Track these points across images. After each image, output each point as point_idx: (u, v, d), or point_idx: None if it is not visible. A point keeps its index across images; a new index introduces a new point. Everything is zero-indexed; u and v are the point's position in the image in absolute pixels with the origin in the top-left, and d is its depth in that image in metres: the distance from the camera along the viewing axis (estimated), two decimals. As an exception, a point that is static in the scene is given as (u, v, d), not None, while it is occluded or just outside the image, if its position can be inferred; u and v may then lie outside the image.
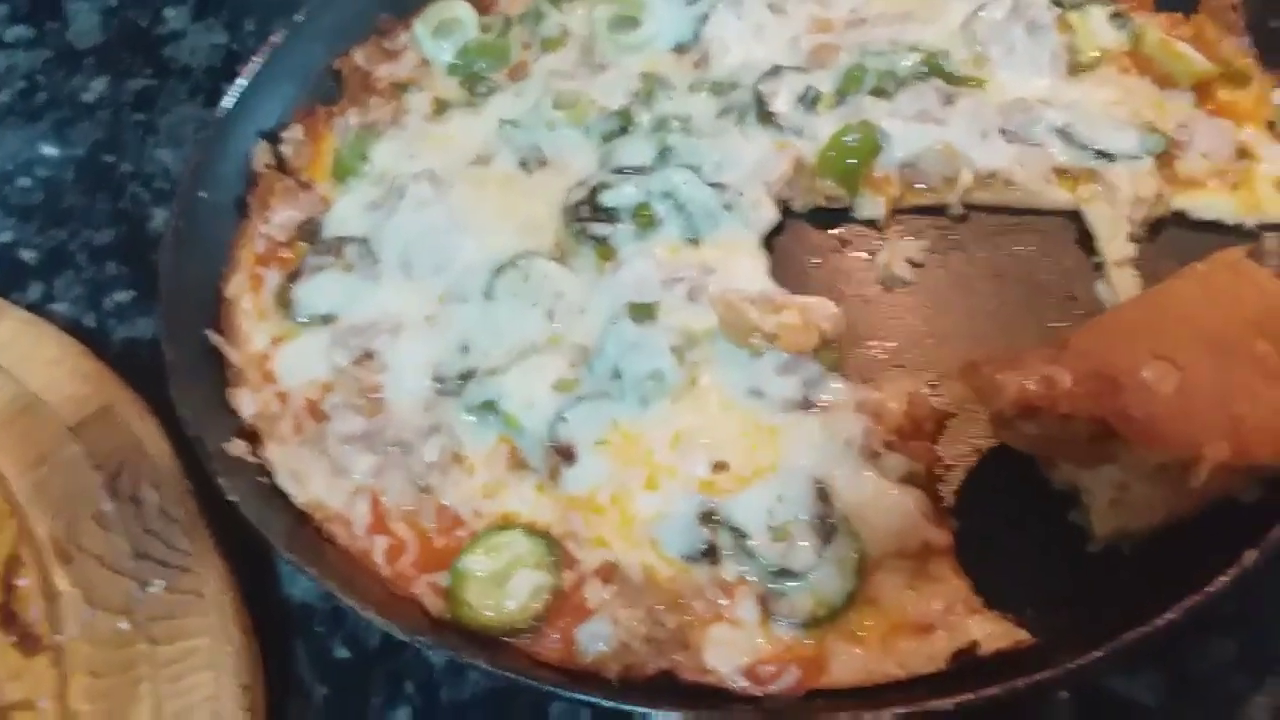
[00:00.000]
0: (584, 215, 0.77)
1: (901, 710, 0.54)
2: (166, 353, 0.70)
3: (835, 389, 0.68)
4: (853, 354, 0.72)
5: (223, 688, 0.58)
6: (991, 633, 0.59)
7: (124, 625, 0.61)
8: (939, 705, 0.54)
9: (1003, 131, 0.80)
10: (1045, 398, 0.61)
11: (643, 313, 0.72)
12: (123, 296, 0.83)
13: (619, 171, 0.79)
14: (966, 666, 0.58)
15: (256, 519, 0.63)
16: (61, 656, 0.60)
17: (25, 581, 0.63)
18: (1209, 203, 0.77)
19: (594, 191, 0.78)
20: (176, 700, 0.58)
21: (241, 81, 0.84)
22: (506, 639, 0.61)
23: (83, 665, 0.60)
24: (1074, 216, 0.78)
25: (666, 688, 0.56)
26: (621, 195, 0.77)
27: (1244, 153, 0.79)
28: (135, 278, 0.84)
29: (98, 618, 0.61)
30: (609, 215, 0.77)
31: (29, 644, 0.60)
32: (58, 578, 0.63)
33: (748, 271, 0.74)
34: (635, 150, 0.80)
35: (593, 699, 0.56)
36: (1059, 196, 0.78)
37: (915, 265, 0.77)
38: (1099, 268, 0.76)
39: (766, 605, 0.62)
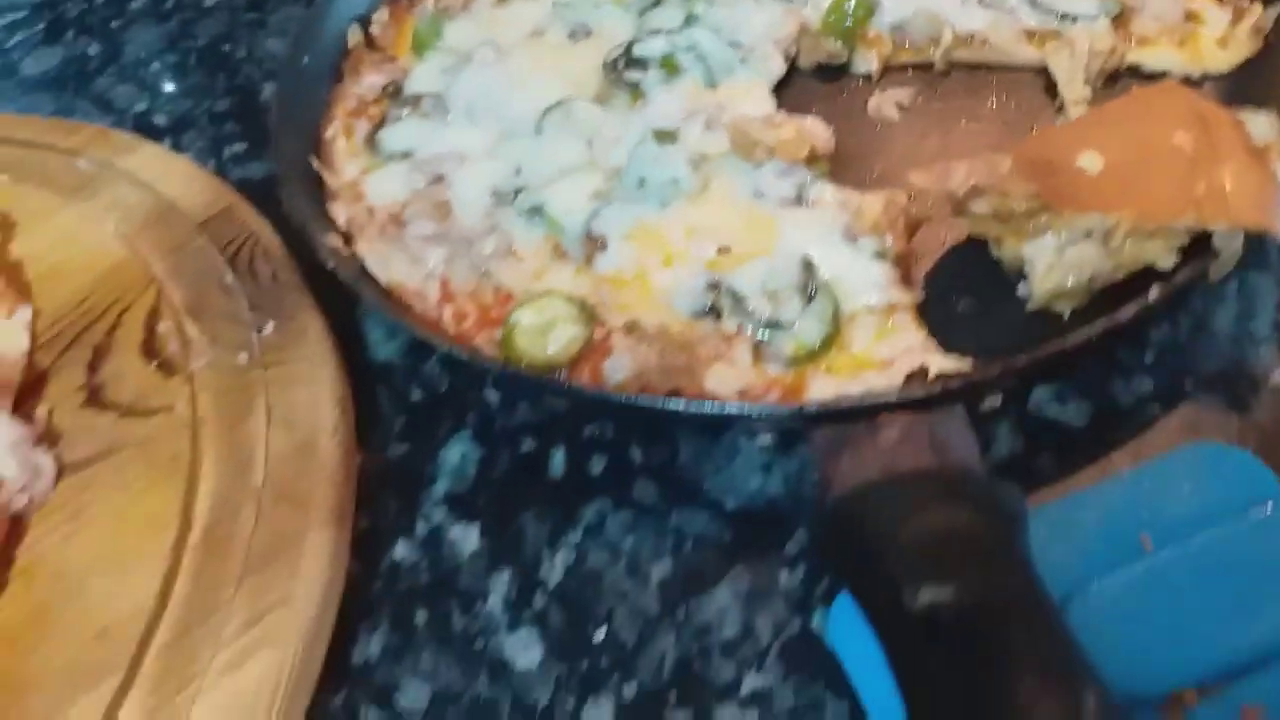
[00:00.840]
0: (619, 66, 0.92)
1: (859, 403, 0.67)
2: (277, 168, 0.85)
3: (824, 189, 0.81)
4: (843, 176, 0.84)
5: (320, 399, 0.73)
6: (941, 363, 0.72)
7: (242, 358, 0.75)
8: (887, 398, 0.67)
9: (979, 1, 0.93)
10: (988, 177, 0.75)
11: (665, 137, 0.86)
12: (238, 148, 0.99)
13: (651, 32, 0.94)
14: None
15: (351, 284, 0.77)
16: (193, 379, 0.75)
17: (164, 326, 0.78)
18: (1159, 56, 0.90)
19: (629, 47, 0.93)
20: (283, 409, 0.72)
21: (340, -24, 1.00)
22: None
23: (209, 386, 0.74)
24: (1041, 73, 0.91)
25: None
26: (651, 48, 0.92)
27: (1191, 16, 0.91)
28: (248, 134, 1.00)
29: (221, 354, 0.76)
30: (640, 64, 0.91)
31: (167, 369, 0.76)
32: (189, 327, 0.78)
33: (756, 108, 0.89)
34: (667, 16, 0.95)
35: (614, 398, 0.69)
36: (1028, 54, 0.91)
37: (902, 109, 0.91)
38: (1060, 110, 0.88)
39: (758, 350, 0.75)
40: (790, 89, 0.92)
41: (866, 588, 0.55)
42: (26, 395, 0.74)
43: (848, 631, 0.62)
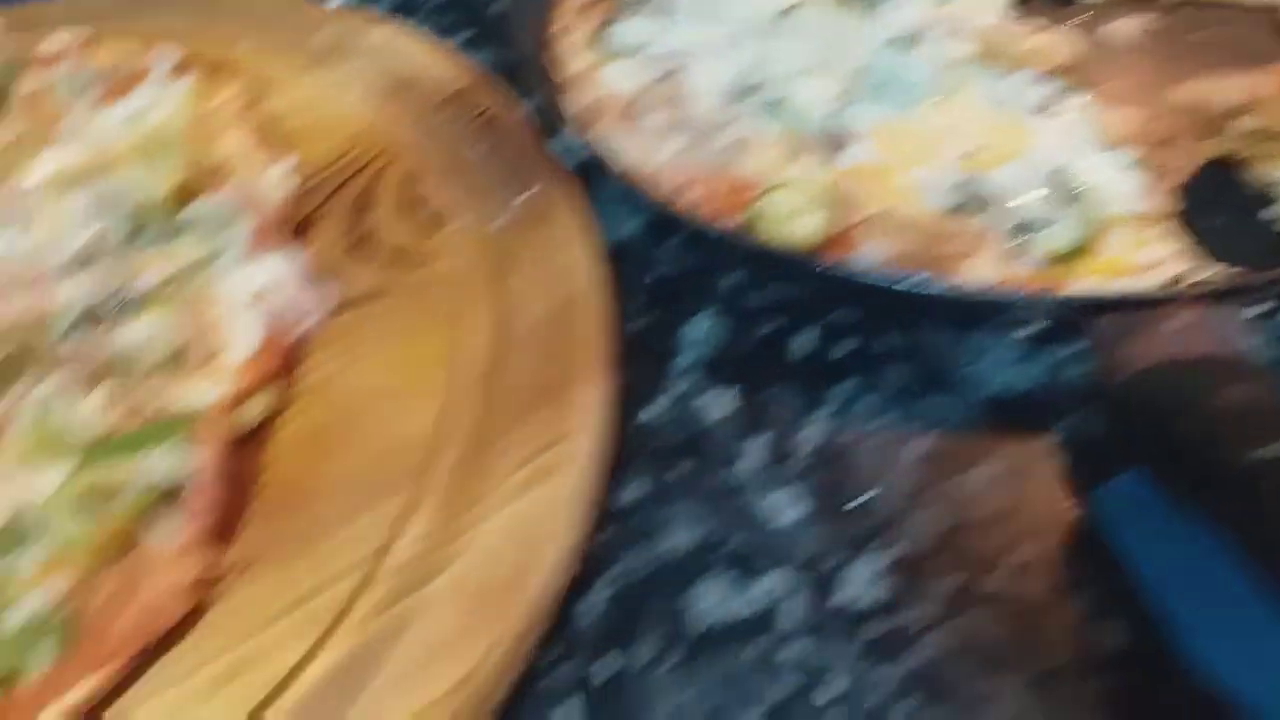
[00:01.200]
0: (855, -24, 0.93)
1: (1149, 295, 0.67)
2: (514, 56, 0.87)
3: (1074, 101, 0.82)
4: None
5: (580, 260, 0.74)
6: (1201, 272, 0.72)
7: (500, 222, 0.77)
8: (1174, 292, 0.67)
9: (1217, -62, 0.94)
10: (1253, 93, 0.75)
11: (906, 43, 0.87)
12: (463, 36, 1.01)
13: (887, -54, 0.95)
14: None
15: (598, 161, 0.79)
16: (452, 239, 0.77)
17: (420, 189, 0.80)
18: (1401, 1, 0.90)
19: (864, -42, 0.94)
20: (545, 269, 0.74)
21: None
22: (796, 257, 0.76)
23: (470, 246, 0.76)
24: (1271, 11, 0.91)
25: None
26: (887, -40, 0.93)
27: None
28: (471, 23, 1.02)
29: (478, 218, 0.78)
30: (876, -25, 0.93)
31: (425, 230, 0.77)
32: (445, 191, 0.80)
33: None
34: (900, -70, 0.96)
35: (883, 280, 0.70)
36: (1260, -7, 0.92)
37: (1132, 38, 0.91)
38: (1295, 50, 0.88)
39: (1009, 249, 0.76)
40: (1024, 9, 0.92)
41: (1180, 455, 0.56)
42: (294, 239, 0.75)
43: (1123, 514, 0.62)
